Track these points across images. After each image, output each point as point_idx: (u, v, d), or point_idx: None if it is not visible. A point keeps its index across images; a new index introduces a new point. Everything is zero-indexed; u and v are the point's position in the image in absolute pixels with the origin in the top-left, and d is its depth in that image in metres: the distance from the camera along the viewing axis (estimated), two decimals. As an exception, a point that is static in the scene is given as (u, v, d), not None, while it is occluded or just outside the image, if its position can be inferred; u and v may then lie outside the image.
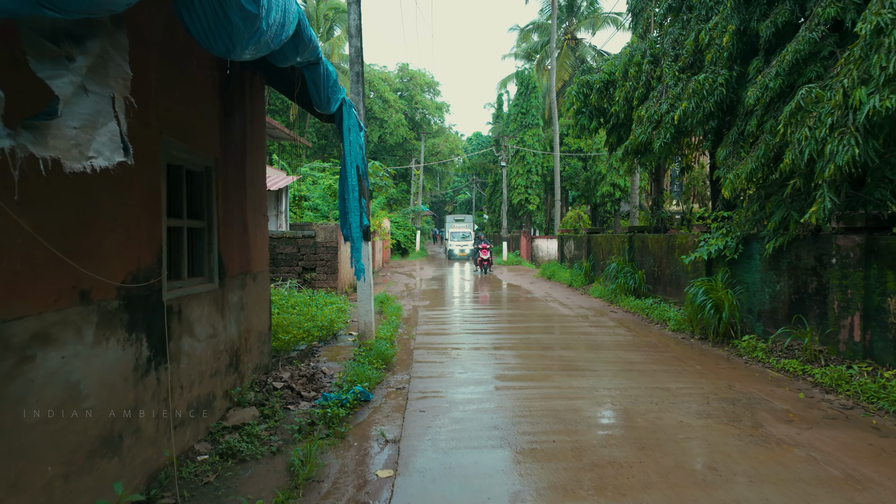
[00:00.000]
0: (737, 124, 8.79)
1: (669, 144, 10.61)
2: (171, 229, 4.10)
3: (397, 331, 9.07)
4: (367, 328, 7.29)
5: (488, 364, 6.98)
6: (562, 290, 15.48)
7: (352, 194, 5.31)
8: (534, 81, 32.90)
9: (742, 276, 8.49)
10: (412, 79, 49.35)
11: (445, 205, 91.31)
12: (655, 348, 7.93)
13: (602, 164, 28.87)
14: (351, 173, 5.17)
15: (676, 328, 9.23)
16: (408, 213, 38.81)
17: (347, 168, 5.18)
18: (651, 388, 5.88)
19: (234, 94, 5.21)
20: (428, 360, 7.18)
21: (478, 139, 68.59)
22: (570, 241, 19.50)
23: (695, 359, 7.31)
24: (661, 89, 11.00)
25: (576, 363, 7.04)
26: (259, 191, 5.89)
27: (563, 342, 8.43)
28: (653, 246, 11.97)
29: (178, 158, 4.09)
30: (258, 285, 5.77)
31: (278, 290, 10.83)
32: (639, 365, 6.93)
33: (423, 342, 8.32)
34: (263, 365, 5.92)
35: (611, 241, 14.96)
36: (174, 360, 3.87)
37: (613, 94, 13.20)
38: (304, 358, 6.96)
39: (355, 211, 5.38)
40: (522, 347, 8.00)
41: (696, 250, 9.20)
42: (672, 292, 11.01)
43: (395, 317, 9.88)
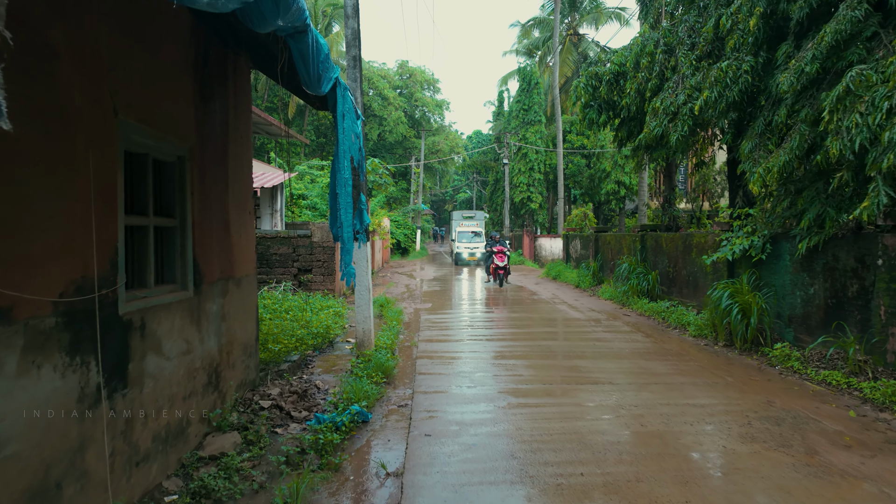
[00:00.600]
0: (762, 115, 8.17)
1: (687, 137, 9.99)
2: (132, 229, 3.48)
3: (398, 337, 8.46)
4: (365, 336, 6.68)
5: (499, 376, 6.36)
6: (569, 292, 14.87)
7: (344, 189, 4.69)
8: (536, 77, 32.29)
9: (770, 278, 7.88)
10: (412, 76, 48.72)
11: (445, 203, 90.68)
12: (678, 357, 7.32)
13: (606, 162, 28.26)
14: (344, 165, 4.55)
15: (697, 334, 8.61)
16: (408, 211, 38.22)
17: (340, 159, 4.56)
18: (682, 405, 5.26)
19: (214, 75, 4.59)
20: (432, 371, 6.57)
21: (478, 137, 67.95)
22: (575, 240, 18.88)
23: (723, 369, 6.69)
24: (677, 80, 10.38)
25: (594, 374, 6.42)
26: (244, 186, 5.27)
27: (578, 350, 7.82)
28: (667, 245, 11.35)
29: (140, 145, 3.47)
30: (243, 292, 5.15)
31: (272, 294, 10.22)
32: (663, 377, 6.32)
33: (426, 350, 7.71)
34: (249, 380, 5.30)
35: (621, 240, 14.34)
36: (135, 385, 3.26)
37: (624, 86, 12.57)
38: (297, 370, 6.34)
39: (348, 208, 4.75)
40: (534, 356, 7.39)
41: (718, 250, 8.58)
42: (689, 294, 10.40)
43: (395, 322, 9.26)
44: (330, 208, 5.10)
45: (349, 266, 5.06)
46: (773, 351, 7.06)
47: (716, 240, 9.24)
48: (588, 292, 14.59)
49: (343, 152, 4.55)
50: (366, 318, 6.66)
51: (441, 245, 56.53)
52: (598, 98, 13.59)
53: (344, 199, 4.74)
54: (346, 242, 4.89)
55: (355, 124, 5.01)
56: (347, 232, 4.73)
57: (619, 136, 14.16)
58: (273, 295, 10.17)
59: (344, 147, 4.61)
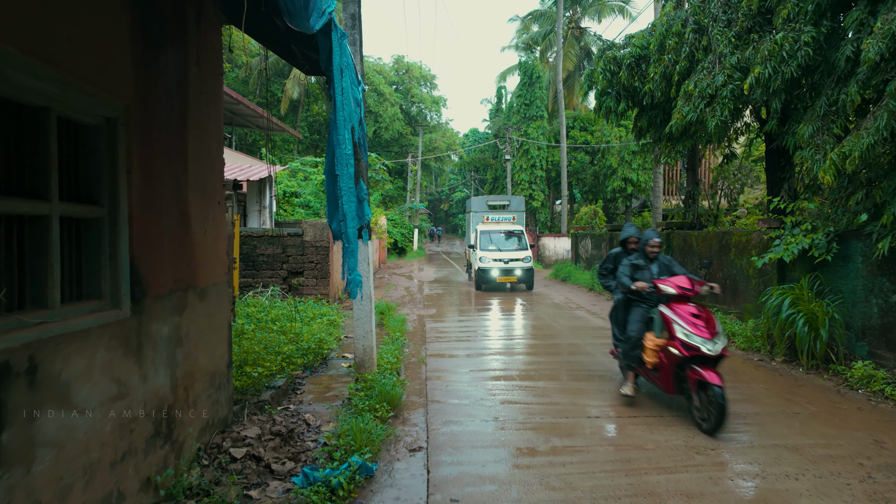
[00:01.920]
0: (825, 93, 7.07)
1: (727, 123, 8.89)
2: (18, 221, 2.31)
3: (403, 352, 7.29)
4: (366, 355, 5.51)
5: (530, 406, 5.21)
6: (584, 295, 13.74)
7: (346, 169, 3.52)
8: (538, 71, 31.20)
9: (836, 282, 6.77)
10: (408, 71, 47.52)
11: (442, 203, 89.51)
12: (735, 377, 6.19)
13: (612, 158, 27.20)
14: (344, 136, 3.39)
15: (746, 346, 7.50)
16: (405, 210, 37.03)
17: (339, 128, 3.40)
18: (773, 449, 4.13)
19: (167, 16, 3.41)
20: (448, 399, 5.40)
21: (475, 136, 66.77)
22: (586, 239, 17.77)
23: (795, 393, 5.58)
24: (713, 59, 9.27)
25: (643, 402, 5.28)
26: (210, 167, 4.08)
27: (614, 369, 6.68)
28: (699, 245, 10.24)
29: (32, 91, 2.29)
30: (209, 305, 3.97)
31: (257, 300, 9.03)
32: (733, 407, 5.18)
33: (436, 369, 6.55)
34: (219, 419, 4.12)
35: (640, 239, 13.22)
36: (17, 464, 2.08)
37: (647, 71, 11.44)
38: (282, 398, 5.16)
39: (350, 194, 3.60)
40: (564, 376, 6.24)
41: (770, 250, 7.46)
42: (727, 300, 9.29)
43: (398, 332, 8.09)
44: (327, 197, 3.96)
45: (354, 272, 3.88)
46: (850, 370, 5.95)
47: (763, 238, 8.13)
48: (605, 296, 13.46)
49: (342, 120, 3.39)
50: (367, 332, 5.49)
51: (438, 245, 55.33)
52: (617, 84, 12.47)
53: (346, 183, 3.57)
54: (351, 240, 3.72)
55: (356, 88, 3.86)
56: (352, 226, 3.56)
57: (639, 126, 13.06)
58: (259, 301, 8.99)
59: (343, 114, 3.44)
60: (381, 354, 6.46)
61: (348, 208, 3.56)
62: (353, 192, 3.78)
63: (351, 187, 3.62)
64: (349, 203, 3.57)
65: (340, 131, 3.36)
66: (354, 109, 3.69)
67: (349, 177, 3.52)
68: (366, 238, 5.35)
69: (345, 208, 3.60)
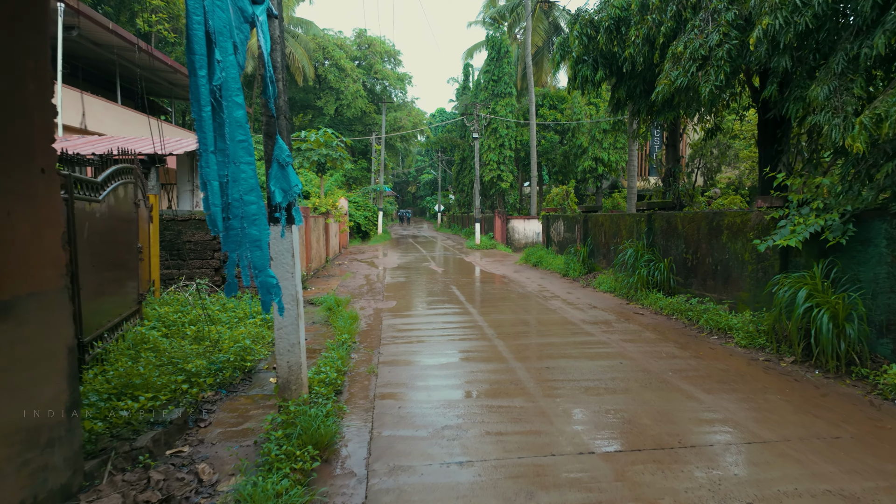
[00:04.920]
0: (842, 47, 6.06)
1: (722, 88, 7.84)
2: None
3: (349, 360, 6.03)
4: (292, 375, 4.23)
5: (505, 439, 4.05)
6: (558, 282, 12.71)
7: (231, 119, 2.19)
8: (506, 45, 29.80)
9: (854, 269, 5.83)
10: (371, 46, 45.30)
11: (409, 185, 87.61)
12: (744, 383, 5.20)
13: (583, 137, 26.25)
14: (228, 63, 2.06)
15: (748, 343, 6.55)
16: (368, 192, 35.36)
17: (194, 41, 2.06)
18: (818, 495, 3.09)
19: None
20: (399, 430, 4.19)
21: (442, 116, 64.99)
22: (558, 221, 16.75)
23: (823, 407, 4.60)
24: (706, 17, 8.20)
25: (644, 423, 4.20)
26: (17, 114, 2.67)
27: (600, 375, 5.59)
28: (684, 227, 9.28)
29: None
30: (21, 327, 2.61)
31: (179, 296, 7.57)
32: (747, 426, 4.15)
33: (389, 382, 5.32)
34: (54, 490, 2.79)
35: (618, 221, 12.23)
36: None
37: (627, 34, 10.31)
38: (174, 437, 3.84)
39: (246, 157, 2.29)
40: (544, 391, 5.11)
41: (775, 232, 6.48)
42: (716, 288, 8.36)
43: (347, 333, 6.82)
44: (201, 160, 2.60)
45: (265, 272, 2.57)
46: (880, 375, 5.03)
47: (763, 219, 7.17)
48: (580, 283, 12.47)
49: (198, 28, 2.04)
50: (293, 345, 4.20)
51: (406, 228, 53.83)
52: (594, 51, 11.32)
53: (232, 130, 2.24)
54: (246, 227, 2.41)
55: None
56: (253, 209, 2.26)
57: (617, 97, 11.98)
58: (181, 298, 7.54)
59: (209, 22, 2.09)
60: (319, 367, 5.18)
61: (244, 178, 2.25)
62: (246, 155, 2.48)
63: (243, 141, 2.31)
64: (246, 174, 2.27)
65: (196, 46, 2.03)
66: (239, 23, 2.36)
67: (241, 130, 2.20)
68: (297, 220, 4.03)
69: (230, 172, 2.29)
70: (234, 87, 2.26)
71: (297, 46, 37.65)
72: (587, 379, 5.39)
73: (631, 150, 17.45)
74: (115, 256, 5.48)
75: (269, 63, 3.10)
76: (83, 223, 4.54)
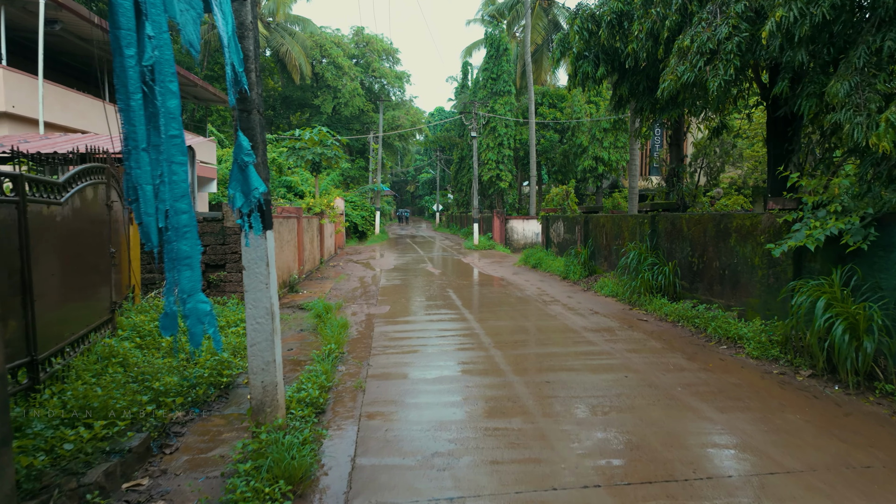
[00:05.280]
0: (863, 40, 5.68)
1: (730, 83, 7.45)
2: None
3: (335, 373, 5.65)
4: (266, 397, 3.84)
5: (501, 468, 3.67)
6: (558, 286, 12.33)
7: (165, 109, 1.81)
8: (505, 43, 29.40)
9: (877, 276, 5.45)
10: (369, 44, 44.87)
11: (407, 184, 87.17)
12: (761, 400, 4.82)
13: (583, 136, 25.87)
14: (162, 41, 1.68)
15: (760, 354, 6.17)
16: (365, 191, 34.95)
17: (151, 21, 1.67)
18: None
19: None
20: (385, 458, 3.81)
21: (441, 115, 64.55)
22: (558, 222, 16.37)
23: (847, 428, 4.23)
24: (713, 9, 7.80)
25: (653, 447, 3.82)
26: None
27: (611, 392, 5.21)
28: (690, 229, 8.89)
29: None
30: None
31: (158, 303, 7.18)
32: (769, 450, 3.77)
33: (377, 400, 4.93)
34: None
35: (620, 222, 11.85)
36: None
37: (630, 29, 9.93)
38: (133, 468, 3.45)
39: (179, 156, 1.91)
40: (543, 411, 4.73)
41: (789, 236, 6.10)
42: (724, 293, 7.98)
43: (335, 343, 6.43)
44: (128, 155, 2.20)
45: (195, 296, 2.25)
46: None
47: (775, 221, 6.79)
48: (581, 286, 12.09)
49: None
50: (267, 364, 3.81)
51: (404, 228, 53.43)
52: (596, 46, 10.93)
53: (166, 122, 1.86)
54: (176, 234, 2.01)
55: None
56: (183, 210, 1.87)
57: (619, 94, 11.60)
58: (161, 305, 7.13)
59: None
60: (300, 383, 4.79)
61: (170, 179, 1.87)
62: (179, 146, 2.09)
63: (176, 136, 1.93)
64: (176, 167, 1.88)
65: (122, 18, 1.65)
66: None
67: (170, 115, 1.82)
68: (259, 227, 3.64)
69: (171, 178, 1.90)
70: (169, 70, 1.89)
71: (294, 44, 37.23)
72: (590, 395, 5.00)
73: (632, 150, 17.07)
74: (82, 262, 5.09)
75: (232, 47, 2.71)
76: (41, 228, 4.15)
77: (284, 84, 41.44)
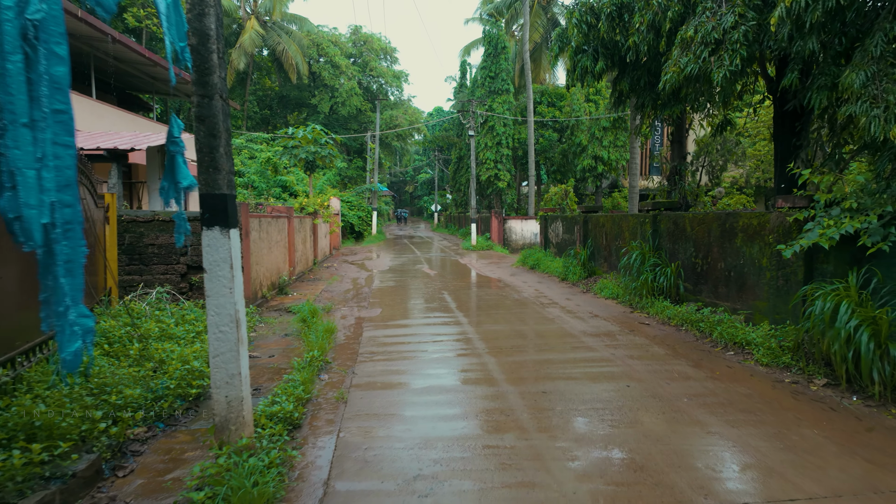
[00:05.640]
0: (880, 27, 5.32)
1: (736, 74, 7.09)
2: None
3: (318, 383, 5.28)
4: (231, 413, 3.47)
5: (495, 492, 3.30)
6: (556, 287, 11.96)
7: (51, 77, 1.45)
8: (504, 41, 29.06)
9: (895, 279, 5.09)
10: (366, 43, 44.50)
11: (406, 185, 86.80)
12: (774, 413, 4.45)
13: (582, 135, 25.53)
14: None
15: (771, 361, 5.80)
16: (362, 191, 34.57)
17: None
18: None
19: None
20: (361, 482, 3.43)
21: (439, 115, 64.16)
22: (556, 222, 16.01)
23: (871, 446, 3.86)
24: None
25: (675, 482, 3.45)
26: None
27: (612, 404, 4.84)
28: (693, 229, 8.53)
29: None
30: None
31: (135, 306, 6.81)
32: (787, 471, 3.41)
33: (360, 413, 4.56)
34: None
35: (620, 222, 11.49)
36: None
37: (631, 21, 9.58)
38: (76, 496, 3.08)
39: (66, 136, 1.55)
40: (539, 425, 4.37)
41: (802, 236, 5.74)
42: (729, 295, 7.62)
43: (318, 349, 6.05)
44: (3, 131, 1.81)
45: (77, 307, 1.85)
46: (934, 405, 4.29)
47: (786, 221, 6.42)
48: (580, 287, 11.72)
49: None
50: (231, 377, 3.44)
51: (402, 228, 53.07)
52: (595, 40, 10.57)
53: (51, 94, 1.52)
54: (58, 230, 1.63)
55: None
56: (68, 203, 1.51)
57: (619, 90, 11.22)
58: (137, 308, 6.77)
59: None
60: (274, 395, 4.42)
61: (55, 163, 1.50)
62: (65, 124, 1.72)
63: (63, 112, 1.56)
64: (61, 151, 1.51)
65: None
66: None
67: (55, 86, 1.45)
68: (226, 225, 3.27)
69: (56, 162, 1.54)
70: (57, 31, 1.54)
71: (291, 43, 36.86)
72: (590, 408, 4.63)
73: (633, 148, 16.71)
74: (42, 265, 4.70)
75: (172, 17, 2.34)
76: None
77: (281, 83, 41.07)
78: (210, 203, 3.36)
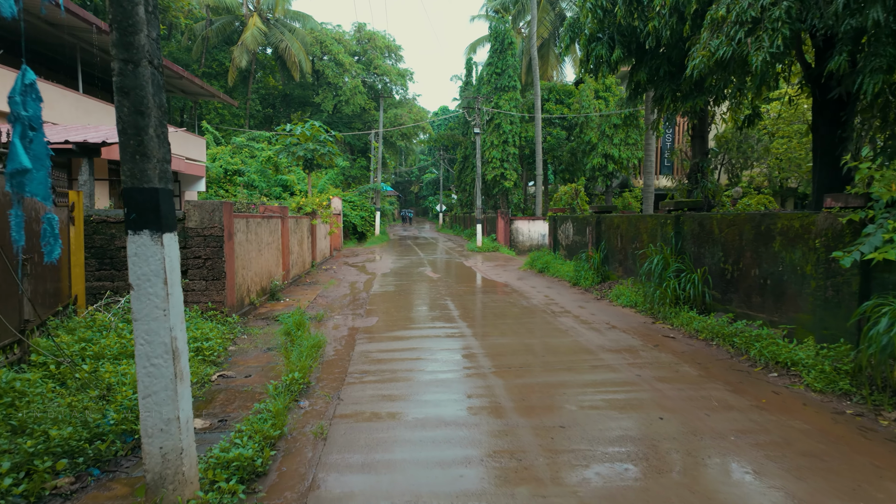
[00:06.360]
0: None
1: (779, 57, 6.27)
2: None
3: (294, 413, 4.51)
4: (167, 467, 2.72)
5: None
6: (567, 293, 11.16)
7: None
8: (511, 37, 28.21)
9: (983, 294, 4.26)
10: (371, 40, 43.79)
11: (411, 185, 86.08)
12: (843, 457, 3.64)
13: (592, 132, 24.66)
14: None
15: (825, 388, 4.97)
16: (366, 191, 33.85)
17: None
18: None
19: None
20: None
21: (445, 114, 63.36)
22: (566, 223, 15.18)
23: (980, 508, 3.04)
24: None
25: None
26: None
27: (643, 445, 4.04)
28: (722, 231, 7.71)
29: None
30: None
31: (99, 317, 6.08)
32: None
33: (341, 454, 3.79)
34: None
35: (637, 223, 10.66)
36: None
37: (651, 4, 8.77)
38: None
39: None
40: (563, 478, 3.58)
41: (860, 241, 4.91)
42: (767, 307, 6.79)
43: (301, 370, 5.29)
44: None
45: None
46: None
47: (837, 222, 5.59)
48: (594, 294, 10.90)
49: None
50: (167, 423, 2.69)
51: (406, 229, 52.32)
52: (611, 26, 9.76)
53: None
54: None
55: None
56: None
57: (636, 80, 10.42)
58: (101, 319, 6.04)
59: None
60: (235, 435, 3.66)
61: None
62: None
63: None
64: None
65: None
66: None
67: None
68: (158, 226, 2.51)
69: None
70: None
71: (294, 41, 36.21)
72: (620, 451, 3.83)
73: (648, 144, 15.87)
74: (-34, 274, 3.99)
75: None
76: None
77: (284, 82, 40.46)
78: (136, 200, 2.61)
